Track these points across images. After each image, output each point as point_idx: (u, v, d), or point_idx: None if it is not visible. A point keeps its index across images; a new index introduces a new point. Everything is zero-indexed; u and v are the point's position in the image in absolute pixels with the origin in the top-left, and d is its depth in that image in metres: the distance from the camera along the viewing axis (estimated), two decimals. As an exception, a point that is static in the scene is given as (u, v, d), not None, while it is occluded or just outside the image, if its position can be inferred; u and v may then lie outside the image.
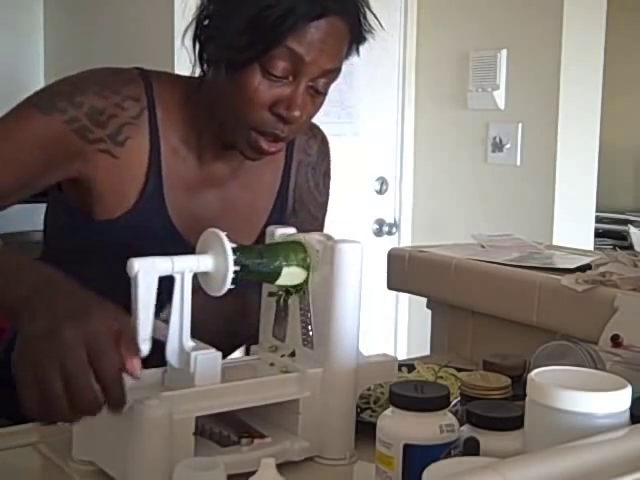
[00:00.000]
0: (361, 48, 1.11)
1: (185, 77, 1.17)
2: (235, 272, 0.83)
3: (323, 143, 1.30)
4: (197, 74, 1.11)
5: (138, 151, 1.10)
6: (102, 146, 1.07)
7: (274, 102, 1.03)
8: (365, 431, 0.90)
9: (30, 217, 2.36)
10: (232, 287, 0.84)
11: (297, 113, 1.03)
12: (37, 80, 3.03)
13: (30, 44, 3.03)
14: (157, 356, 0.84)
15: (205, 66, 1.08)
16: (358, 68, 2.73)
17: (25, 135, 1.04)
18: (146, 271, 0.80)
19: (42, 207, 1.20)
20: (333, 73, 1.06)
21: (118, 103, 1.08)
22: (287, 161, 1.24)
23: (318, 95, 1.07)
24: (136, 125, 1.09)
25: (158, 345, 0.83)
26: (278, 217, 1.22)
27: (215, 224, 0.97)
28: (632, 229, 1.67)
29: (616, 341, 1.03)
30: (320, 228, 1.30)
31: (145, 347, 0.80)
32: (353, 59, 1.13)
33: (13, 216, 1.21)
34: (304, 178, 1.27)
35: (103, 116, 1.07)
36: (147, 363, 0.87)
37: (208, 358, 0.84)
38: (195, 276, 0.85)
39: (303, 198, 1.27)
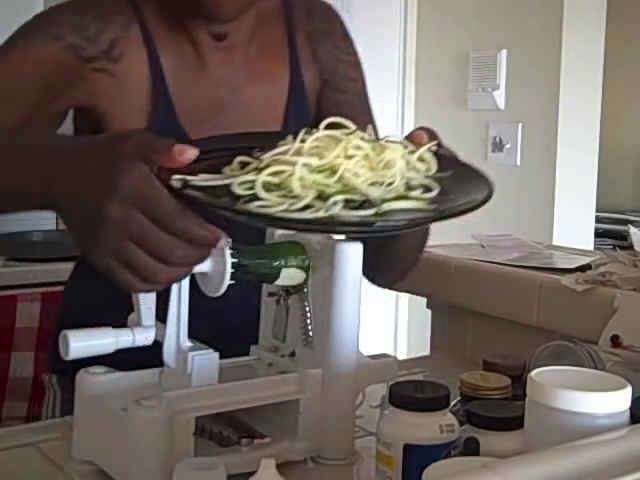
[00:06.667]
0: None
1: None
2: (233, 272, 0.83)
3: (328, 10, 1.25)
4: None
5: (137, 67, 1.06)
6: (97, 64, 1.04)
7: None
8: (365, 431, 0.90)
9: (30, 217, 2.36)
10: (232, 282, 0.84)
11: None
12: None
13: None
14: (154, 356, 0.84)
15: None
16: (358, 68, 2.72)
17: (18, 67, 1.01)
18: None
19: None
20: None
21: (102, 16, 1.05)
22: (291, 41, 1.20)
23: None
24: (128, 38, 1.06)
25: (155, 345, 0.83)
26: (298, 97, 1.18)
27: (231, 123, 0.95)
28: (632, 229, 1.68)
29: (616, 341, 1.03)
30: (364, 92, 1.26)
31: (150, 335, 0.80)
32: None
33: (13, 216, 1.21)
34: (319, 46, 1.22)
35: (90, 31, 1.03)
36: (144, 363, 0.87)
37: (205, 358, 0.84)
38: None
39: (327, 65, 1.22)
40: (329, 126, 0.84)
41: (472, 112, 2.76)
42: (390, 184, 0.80)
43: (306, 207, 0.75)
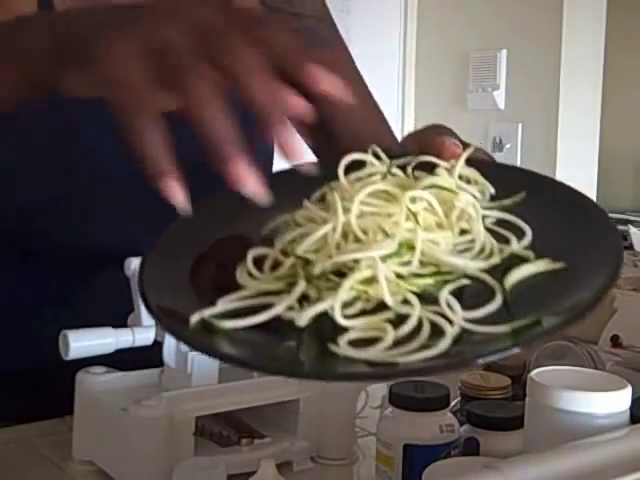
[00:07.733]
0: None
1: None
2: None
3: None
4: None
5: None
6: None
7: None
8: (365, 431, 0.90)
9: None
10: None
11: None
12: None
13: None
14: (154, 356, 0.84)
15: None
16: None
17: None
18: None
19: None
20: None
21: None
22: None
23: None
24: None
25: (155, 345, 0.83)
26: None
27: None
28: (632, 229, 1.67)
29: (616, 341, 1.03)
30: (328, 16, 1.06)
31: (151, 335, 0.80)
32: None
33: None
34: None
35: None
36: (144, 363, 0.87)
37: (205, 358, 0.83)
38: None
39: None
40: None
41: (472, 112, 2.76)
42: (472, 241, 0.57)
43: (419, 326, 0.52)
